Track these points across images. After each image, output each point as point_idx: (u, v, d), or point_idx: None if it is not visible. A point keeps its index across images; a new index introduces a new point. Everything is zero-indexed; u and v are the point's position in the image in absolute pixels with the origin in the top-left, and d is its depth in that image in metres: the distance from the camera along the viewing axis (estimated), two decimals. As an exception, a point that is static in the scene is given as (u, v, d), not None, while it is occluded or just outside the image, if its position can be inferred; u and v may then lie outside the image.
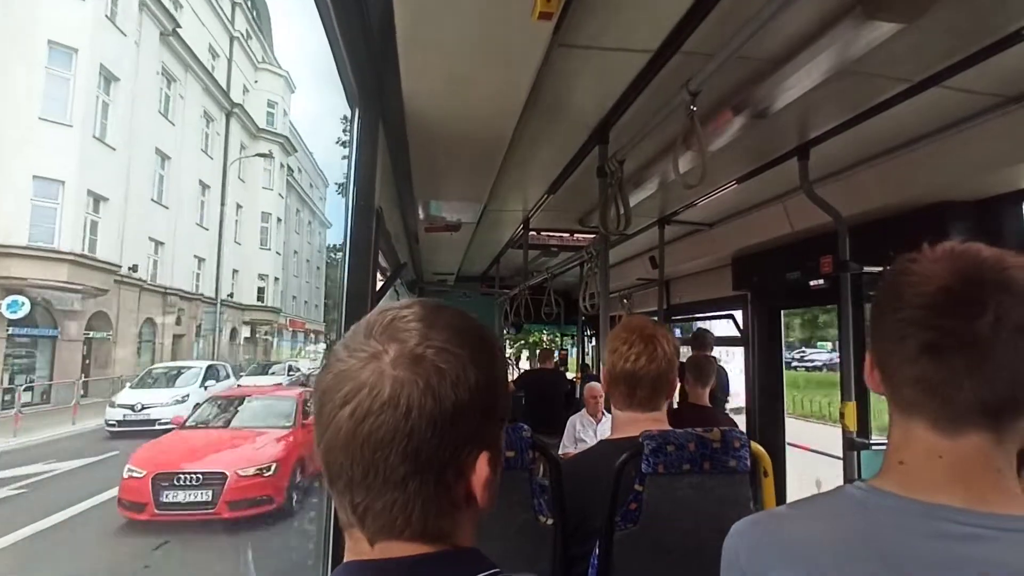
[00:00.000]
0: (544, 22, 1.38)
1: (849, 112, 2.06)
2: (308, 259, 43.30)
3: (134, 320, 20.20)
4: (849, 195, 2.56)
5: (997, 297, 0.58)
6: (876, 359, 0.68)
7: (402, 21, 1.46)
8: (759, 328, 3.93)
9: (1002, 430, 0.60)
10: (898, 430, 0.65)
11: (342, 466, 0.53)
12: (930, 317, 0.61)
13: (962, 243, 0.64)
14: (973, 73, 1.67)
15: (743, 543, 0.68)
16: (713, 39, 1.55)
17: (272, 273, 31.60)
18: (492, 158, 2.47)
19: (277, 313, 32.48)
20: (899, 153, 2.32)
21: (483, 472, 0.55)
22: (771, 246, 3.42)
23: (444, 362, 0.53)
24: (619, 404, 1.43)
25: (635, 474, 1.28)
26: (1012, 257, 0.61)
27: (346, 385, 0.53)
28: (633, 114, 2.11)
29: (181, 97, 23.49)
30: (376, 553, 0.55)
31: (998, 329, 0.57)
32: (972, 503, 0.58)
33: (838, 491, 0.67)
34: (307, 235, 42.72)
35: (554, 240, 4.73)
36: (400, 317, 0.56)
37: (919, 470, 0.62)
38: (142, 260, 20.54)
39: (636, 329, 1.41)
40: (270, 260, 31.43)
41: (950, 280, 0.60)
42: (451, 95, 1.85)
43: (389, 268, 2.82)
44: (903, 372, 0.63)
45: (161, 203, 22.26)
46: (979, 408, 0.59)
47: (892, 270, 0.67)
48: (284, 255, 34.56)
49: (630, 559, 1.26)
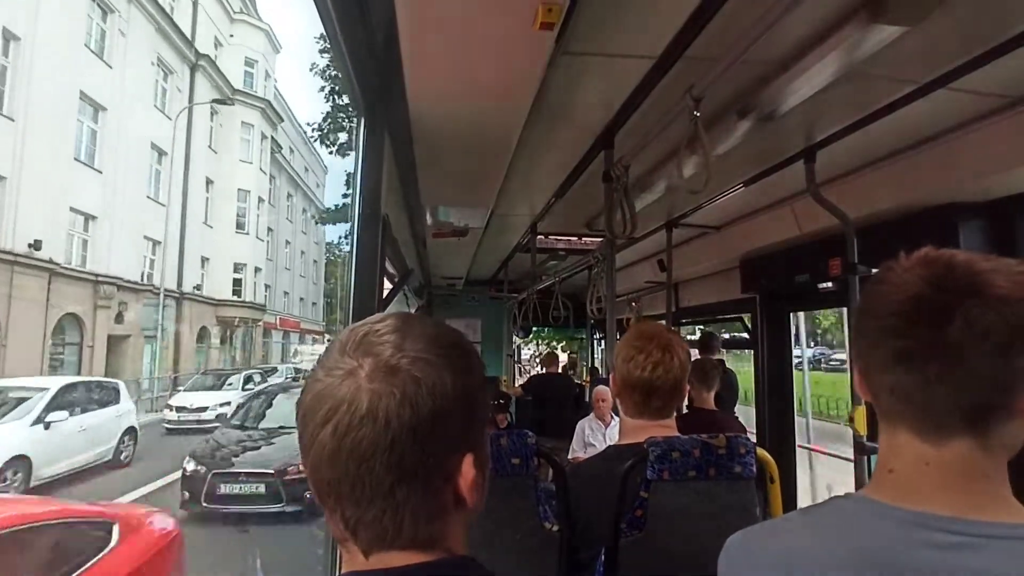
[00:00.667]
0: (546, 32, 1.39)
1: (856, 114, 2.05)
2: (304, 251, 39.65)
3: (39, 315, 14.77)
4: (857, 197, 2.54)
5: (967, 303, 0.58)
6: (859, 368, 0.68)
7: (406, 30, 1.47)
8: (768, 331, 3.91)
9: (986, 435, 0.59)
10: (885, 438, 0.66)
11: (330, 483, 0.54)
12: (902, 326, 0.61)
13: (937, 250, 0.64)
14: (980, 74, 1.66)
15: (736, 557, 0.68)
16: (716, 44, 1.55)
17: (252, 262, 26.56)
18: (498, 164, 2.48)
19: (261, 310, 27.93)
20: (907, 155, 2.30)
21: (469, 474, 0.57)
22: (779, 249, 3.40)
23: (419, 371, 0.54)
24: (630, 411, 1.42)
25: (641, 480, 1.28)
26: (984, 261, 0.61)
27: (326, 404, 0.54)
28: (638, 120, 2.11)
29: (122, 34, 18.64)
30: (372, 564, 0.56)
31: (968, 335, 0.57)
32: (962, 511, 0.58)
33: (831, 503, 0.67)
34: (302, 224, 38.72)
35: (562, 244, 4.73)
36: (373, 331, 0.57)
37: (908, 478, 0.62)
38: (55, 236, 15.38)
39: (652, 337, 1.39)
40: (249, 246, 26.31)
41: (921, 287, 0.61)
42: (456, 103, 1.86)
43: (397, 274, 2.84)
44: (881, 381, 0.64)
45: (91, 165, 17.22)
46: (958, 414, 0.59)
47: (872, 279, 0.68)
48: (273, 244, 30.58)
49: (636, 565, 1.26)
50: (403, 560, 0.56)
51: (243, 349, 27.33)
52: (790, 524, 0.67)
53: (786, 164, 2.51)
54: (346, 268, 1.66)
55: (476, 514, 0.61)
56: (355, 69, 1.49)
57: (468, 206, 3.22)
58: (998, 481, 0.60)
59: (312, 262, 42.30)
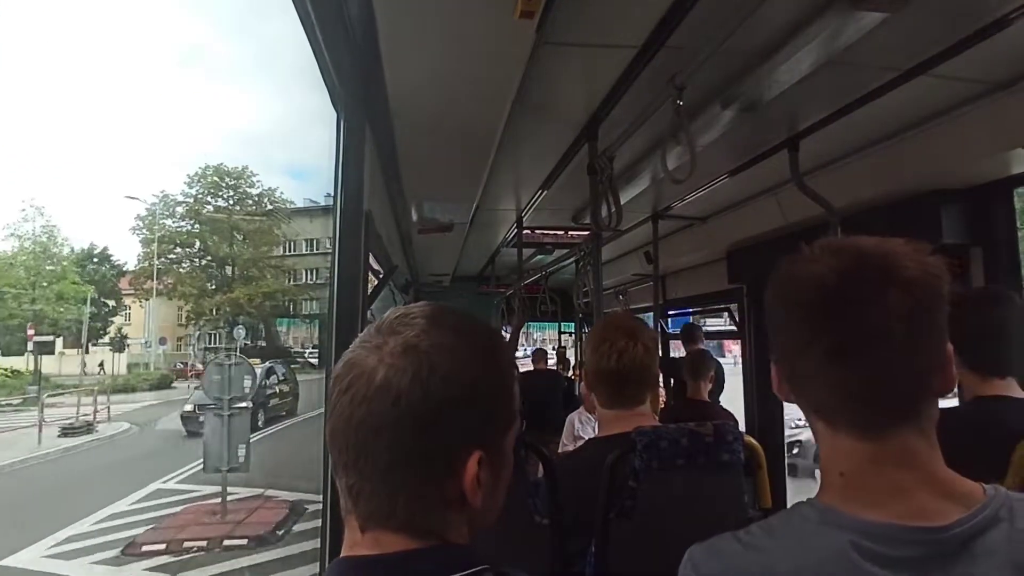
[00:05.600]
0: (526, 20, 1.37)
1: (838, 103, 2.06)
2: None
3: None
4: (841, 186, 2.55)
5: (883, 289, 0.57)
6: (782, 371, 0.66)
7: (384, 21, 1.45)
8: (756, 321, 3.93)
9: (919, 420, 0.59)
10: (827, 440, 0.63)
11: (340, 449, 0.56)
12: (823, 320, 0.59)
13: (841, 238, 0.63)
14: (960, 61, 1.67)
15: (700, 572, 0.65)
16: (698, 33, 1.54)
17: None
18: (482, 157, 2.46)
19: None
20: (889, 143, 2.32)
21: (472, 471, 0.56)
22: (765, 239, 3.41)
23: (437, 356, 0.55)
24: (604, 403, 1.44)
25: (629, 470, 1.28)
26: (894, 245, 0.60)
27: (351, 372, 0.56)
28: (621, 111, 2.10)
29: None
30: (366, 543, 0.57)
31: (892, 322, 0.56)
32: (913, 516, 0.57)
33: (794, 511, 0.64)
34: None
35: (548, 238, 4.72)
36: (408, 314, 0.59)
37: (858, 481, 0.60)
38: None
39: (616, 327, 1.42)
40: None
41: (837, 280, 0.59)
42: (437, 94, 1.84)
43: (382, 270, 2.81)
44: (814, 381, 0.61)
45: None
46: (895, 403, 0.59)
47: (773, 277, 0.66)
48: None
49: (626, 554, 1.25)
50: (395, 543, 0.56)
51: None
52: (754, 539, 0.64)
53: (770, 154, 2.52)
54: (332, 271, 1.65)
55: (485, 518, 0.61)
56: (332, 62, 1.46)
57: (453, 200, 3.20)
58: (937, 463, 0.60)
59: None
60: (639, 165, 2.67)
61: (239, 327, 31.40)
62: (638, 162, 2.66)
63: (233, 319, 34.91)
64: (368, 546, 0.57)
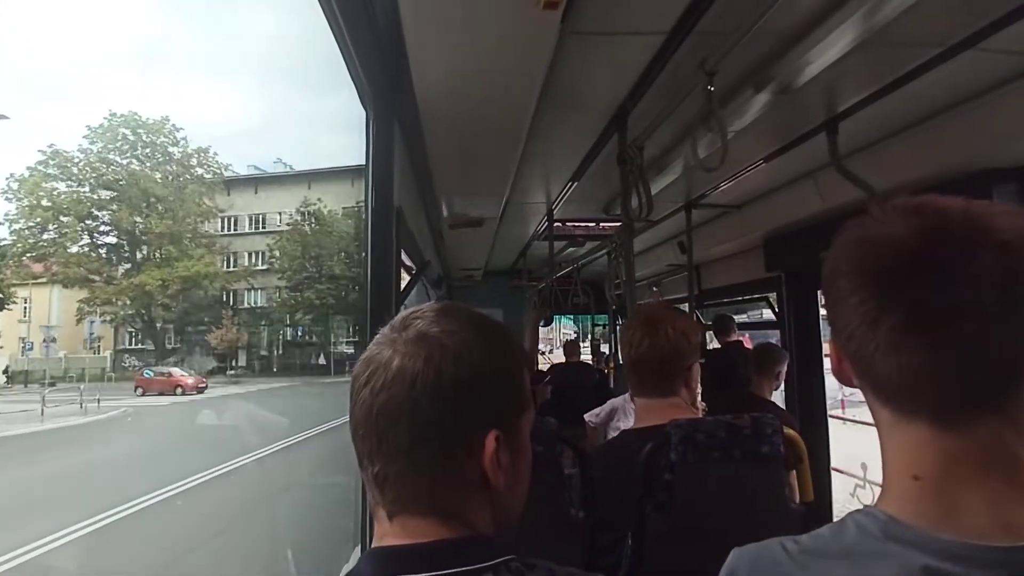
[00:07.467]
0: (551, 11, 1.36)
1: (879, 82, 1.98)
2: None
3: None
4: (883, 168, 2.46)
5: (973, 252, 0.48)
6: (844, 349, 0.56)
7: (409, 17, 1.45)
8: (795, 310, 3.83)
9: (1007, 411, 0.49)
10: (898, 433, 0.53)
11: (363, 437, 0.59)
12: (901, 288, 0.50)
13: (915, 195, 0.54)
14: (1010, 33, 1.58)
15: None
16: (729, 16, 1.50)
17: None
18: (511, 150, 2.45)
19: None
20: (935, 122, 2.22)
21: (491, 449, 0.58)
22: (803, 225, 3.32)
23: (448, 340, 0.59)
24: (635, 392, 1.45)
25: (664, 463, 1.27)
26: (983, 204, 0.51)
27: (369, 367, 0.59)
28: (650, 99, 2.06)
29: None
30: (395, 531, 0.59)
31: (983, 290, 0.47)
32: (1003, 533, 0.47)
33: (848, 522, 0.54)
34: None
35: (579, 230, 4.68)
36: (417, 310, 0.63)
37: (935, 486, 0.50)
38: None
39: (640, 315, 1.45)
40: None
41: (917, 241, 0.50)
42: (464, 90, 1.84)
43: (414, 266, 2.84)
44: (886, 360, 0.51)
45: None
46: (984, 387, 0.49)
47: (839, 242, 0.57)
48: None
49: (662, 548, 1.24)
50: (424, 528, 0.58)
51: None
52: (801, 551, 0.54)
53: (807, 137, 2.45)
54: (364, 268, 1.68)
55: (510, 506, 0.64)
56: (360, 61, 1.48)
57: (483, 195, 3.20)
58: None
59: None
60: (670, 154, 2.62)
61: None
62: (669, 151, 2.61)
63: (146, 312, 28.60)
64: (396, 534, 0.59)
